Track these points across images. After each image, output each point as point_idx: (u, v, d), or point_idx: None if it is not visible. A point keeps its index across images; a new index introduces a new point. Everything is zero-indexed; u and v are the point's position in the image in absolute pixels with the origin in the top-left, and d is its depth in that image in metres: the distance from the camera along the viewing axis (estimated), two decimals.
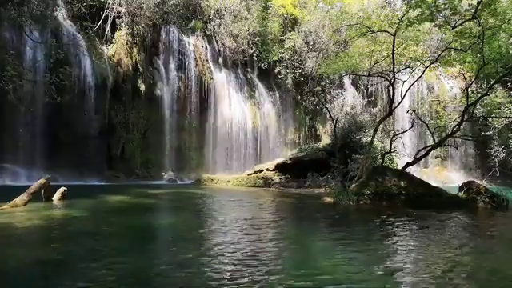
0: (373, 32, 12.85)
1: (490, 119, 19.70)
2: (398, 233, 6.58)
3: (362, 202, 10.22)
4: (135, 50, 21.03)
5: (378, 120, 17.82)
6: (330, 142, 20.50)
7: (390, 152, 13.81)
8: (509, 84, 21.53)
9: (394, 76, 12.57)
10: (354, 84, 29.18)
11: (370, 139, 13.87)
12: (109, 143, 19.46)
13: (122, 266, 4.12)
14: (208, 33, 24.53)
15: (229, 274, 3.84)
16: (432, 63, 12.91)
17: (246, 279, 3.67)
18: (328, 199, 11.25)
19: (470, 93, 13.42)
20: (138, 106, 20.75)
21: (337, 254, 4.90)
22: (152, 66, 21.97)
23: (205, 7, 24.43)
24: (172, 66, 22.51)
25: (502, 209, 9.88)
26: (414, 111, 14.80)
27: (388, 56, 13.38)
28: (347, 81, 28.51)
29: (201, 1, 24.27)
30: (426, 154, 14.29)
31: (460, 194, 10.72)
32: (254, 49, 25.45)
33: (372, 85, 28.65)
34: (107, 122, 19.29)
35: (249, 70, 26.65)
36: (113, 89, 19.58)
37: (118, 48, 20.34)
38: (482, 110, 17.95)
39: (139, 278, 3.74)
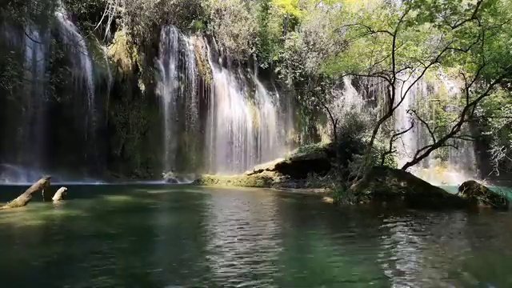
0: (373, 32, 12.84)
1: (489, 119, 19.70)
2: (398, 233, 6.58)
3: (362, 202, 10.22)
4: (135, 50, 21.04)
5: (378, 120, 17.82)
6: (329, 141, 20.52)
7: (390, 152, 13.82)
8: (509, 84, 21.55)
9: (394, 76, 12.57)
10: (354, 84, 29.19)
11: (370, 139, 13.86)
12: (109, 143, 19.47)
13: (123, 265, 4.12)
14: (208, 33, 24.54)
15: (228, 274, 3.84)
16: (432, 63, 12.90)
17: (246, 279, 3.67)
18: (328, 199, 11.26)
19: (469, 93, 13.41)
20: (138, 106, 20.76)
21: (337, 254, 4.90)
22: (152, 66, 21.97)
23: (205, 7, 24.44)
24: (172, 66, 22.51)
25: (502, 209, 9.88)
26: (414, 111, 14.79)
27: (388, 56, 13.38)
28: (347, 81, 28.51)
29: (201, 1, 24.28)
30: (426, 154, 14.27)
31: (460, 194, 10.72)
32: (253, 49, 25.46)
33: (372, 85, 28.66)
34: (107, 122, 19.30)
35: (249, 70, 26.66)
36: (113, 89, 19.59)
37: (118, 48, 20.35)
38: (482, 110, 17.94)
39: (139, 278, 3.74)
